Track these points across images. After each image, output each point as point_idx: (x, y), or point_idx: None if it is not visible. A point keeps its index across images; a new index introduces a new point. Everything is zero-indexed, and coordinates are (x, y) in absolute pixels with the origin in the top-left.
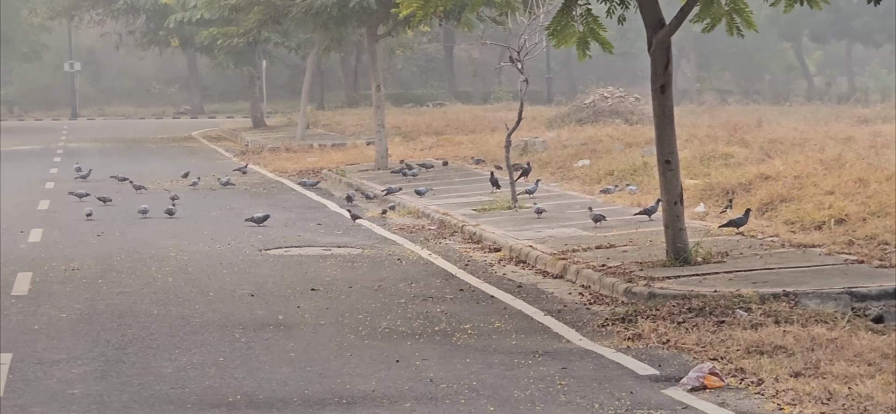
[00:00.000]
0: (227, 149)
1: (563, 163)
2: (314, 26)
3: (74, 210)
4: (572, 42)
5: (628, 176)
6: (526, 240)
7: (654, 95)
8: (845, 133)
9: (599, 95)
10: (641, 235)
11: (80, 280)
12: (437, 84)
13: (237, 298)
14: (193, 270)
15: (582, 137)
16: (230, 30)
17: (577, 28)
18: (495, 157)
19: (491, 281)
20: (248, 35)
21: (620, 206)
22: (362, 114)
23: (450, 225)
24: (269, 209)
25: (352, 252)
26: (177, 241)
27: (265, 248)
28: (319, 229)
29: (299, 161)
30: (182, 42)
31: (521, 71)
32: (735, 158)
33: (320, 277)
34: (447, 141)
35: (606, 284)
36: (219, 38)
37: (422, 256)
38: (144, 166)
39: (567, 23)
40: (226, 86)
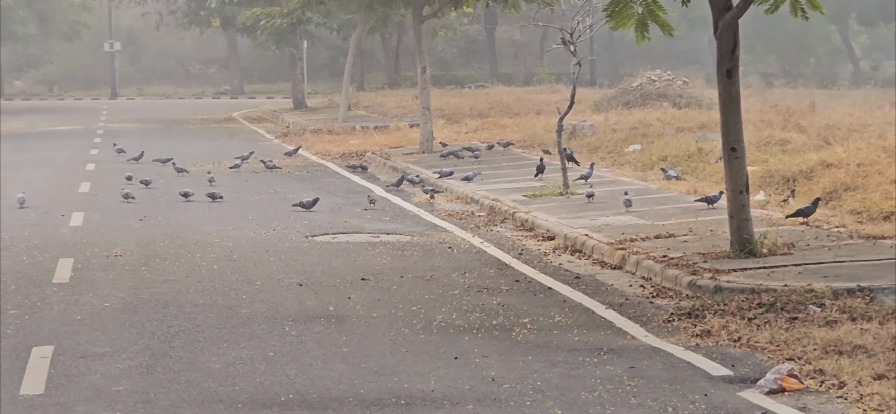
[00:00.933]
0: (268, 130)
1: (613, 147)
2: (358, 6)
3: (116, 193)
4: (630, 24)
5: (682, 162)
6: (581, 228)
7: (719, 80)
8: None
9: (647, 78)
10: (701, 224)
11: (122, 267)
12: (478, 66)
13: (285, 287)
14: (238, 256)
15: (631, 121)
16: (273, 10)
17: (636, 9)
18: (542, 140)
19: (547, 271)
20: (291, 16)
21: (675, 192)
22: (404, 95)
23: (500, 211)
24: (313, 194)
25: (401, 239)
26: (221, 226)
27: (311, 234)
28: (366, 215)
29: (342, 143)
30: (223, 22)
31: (573, 53)
32: (792, 144)
33: (370, 265)
34: (492, 124)
35: (669, 276)
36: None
37: (473, 244)
38: (185, 148)
39: (626, 4)
40: (266, 66)
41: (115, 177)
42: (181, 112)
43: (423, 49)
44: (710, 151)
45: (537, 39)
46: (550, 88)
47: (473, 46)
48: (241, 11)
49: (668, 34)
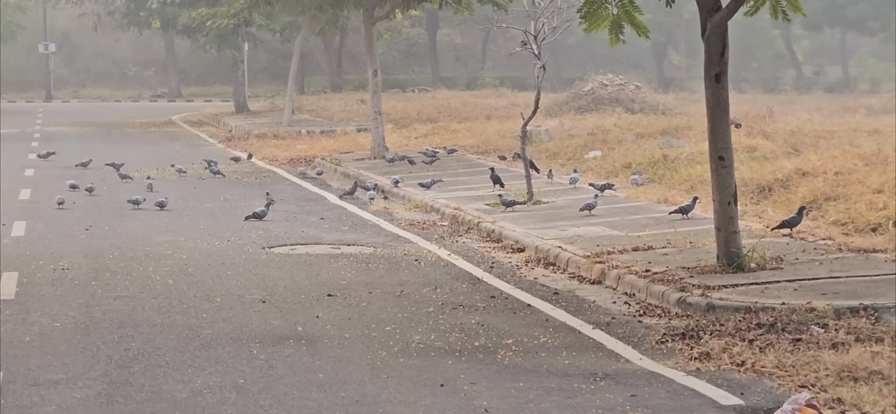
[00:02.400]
0: (211, 134)
1: (573, 154)
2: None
3: None
4: (604, 26)
5: (648, 169)
6: (552, 239)
7: (707, 85)
8: (868, 125)
9: (598, 83)
10: (679, 235)
11: (71, 282)
12: (419, 69)
13: (247, 304)
14: (194, 270)
15: (587, 126)
16: (219, 11)
17: (611, 11)
18: (497, 146)
19: (522, 286)
20: (238, 16)
21: (644, 201)
22: (347, 99)
23: (463, 221)
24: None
25: (363, 251)
26: (172, 236)
27: (268, 245)
28: (323, 224)
29: (289, 148)
30: (163, 24)
31: (538, 56)
32: (760, 151)
33: (334, 280)
34: (442, 129)
35: (655, 292)
36: (207, 20)
37: (440, 256)
38: (127, 152)
39: (600, 5)
40: (204, 69)
41: (57, 183)
42: (119, 115)
43: (375, 52)
44: (675, 158)
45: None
46: (496, 93)
47: (414, 49)
48: (183, 13)
49: (644, 36)
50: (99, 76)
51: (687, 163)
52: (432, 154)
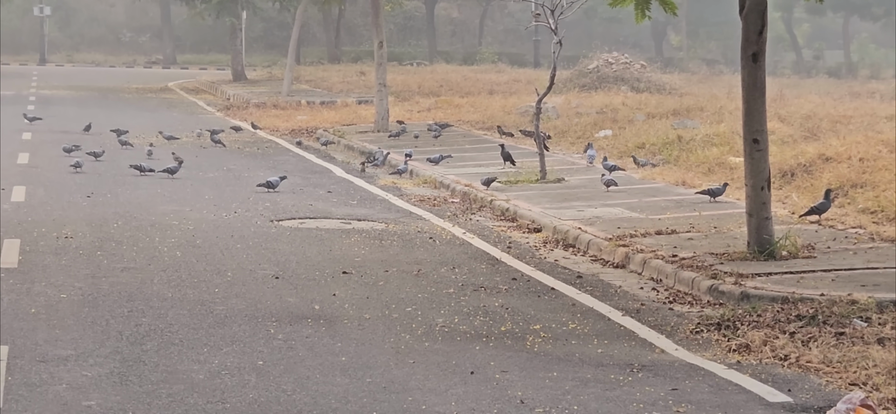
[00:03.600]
0: (208, 102)
1: (582, 132)
2: None
3: (58, 165)
4: (630, 2)
5: (663, 150)
6: (570, 220)
7: (744, 64)
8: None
9: (604, 61)
10: (702, 219)
11: (75, 251)
12: (415, 42)
13: (260, 280)
14: (202, 242)
15: (595, 104)
16: None
17: None
18: (503, 122)
19: (543, 269)
20: None
21: (662, 182)
22: (345, 70)
23: (476, 198)
24: (269, 172)
25: (375, 227)
26: (176, 206)
27: (277, 218)
28: (331, 198)
29: (290, 119)
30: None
31: (555, 31)
32: (777, 135)
33: (348, 256)
34: (445, 103)
35: (684, 279)
36: None
37: (455, 234)
38: (124, 118)
39: None
40: (199, 36)
41: (55, 147)
42: (114, 80)
43: (381, 23)
44: (690, 139)
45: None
46: (495, 68)
47: (411, 23)
48: None
49: (672, 13)
50: (93, 41)
51: (702, 144)
52: (438, 128)
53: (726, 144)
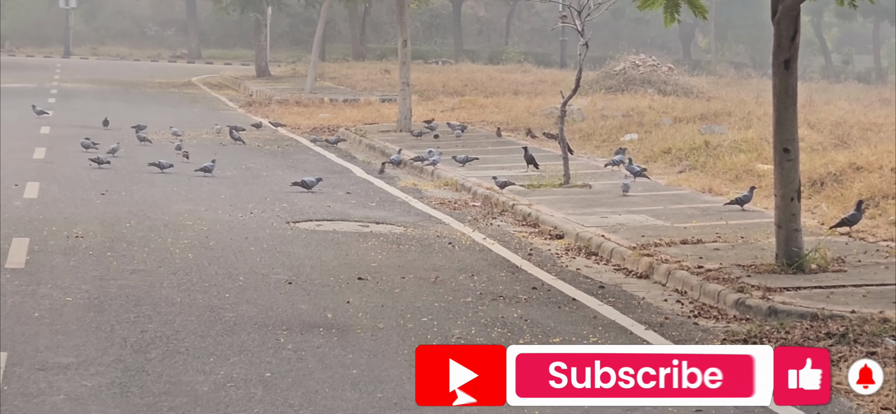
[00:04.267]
0: (231, 98)
1: (607, 136)
2: None
3: (75, 161)
4: (659, 4)
5: (689, 155)
6: (593, 227)
7: (775, 71)
8: None
9: (630, 63)
10: (729, 229)
11: (85, 251)
12: (441, 41)
13: (272, 285)
14: (215, 244)
15: (620, 107)
16: None
17: None
18: (528, 123)
19: (565, 278)
20: None
21: (688, 189)
22: (370, 68)
23: (497, 202)
24: (287, 171)
25: (394, 230)
26: (192, 206)
27: (293, 220)
28: (350, 199)
29: (312, 116)
30: None
31: (581, 33)
32: (806, 142)
33: (364, 261)
34: (469, 103)
35: (710, 291)
36: None
37: (475, 239)
38: (146, 113)
39: None
40: (224, 31)
41: (73, 142)
42: (137, 74)
43: (406, 20)
44: (717, 145)
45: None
46: (520, 68)
47: (437, 21)
48: None
49: (702, 17)
50: (118, 34)
51: (730, 151)
52: (461, 128)
53: (754, 151)
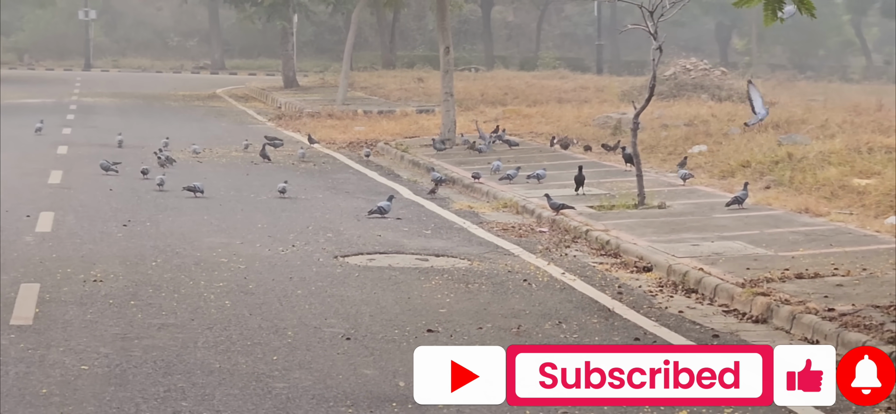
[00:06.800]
0: (259, 111)
1: (673, 148)
2: None
3: (93, 185)
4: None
5: (772, 169)
6: (685, 257)
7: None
8: None
9: (681, 67)
10: (845, 258)
11: (104, 300)
12: (470, 47)
13: (327, 341)
14: (256, 288)
15: (678, 115)
16: None
17: None
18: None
19: (668, 323)
20: None
21: (781, 210)
22: (401, 76)
23: (568, 228)
24: (328, 193)
25: (457, 265)
26: (225, 238)
27: (341, 254)
28: (401, 226)
29: (346, 130)
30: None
31: (654, 36)
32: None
33: (431, 306)
34: (513, 113)
35: (850, 342)
36: None
37: (552, 274)
38: (168, 129)
39: None
40: (248, 41)
41: (91, 163)
42: (160, 87)
43: (447, 27)
44: (801, 157)
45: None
46: (557, 74)
47: (466, 27)
48: None
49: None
50: (140, 45)
51: (817, 163)
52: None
53: (846, 164)
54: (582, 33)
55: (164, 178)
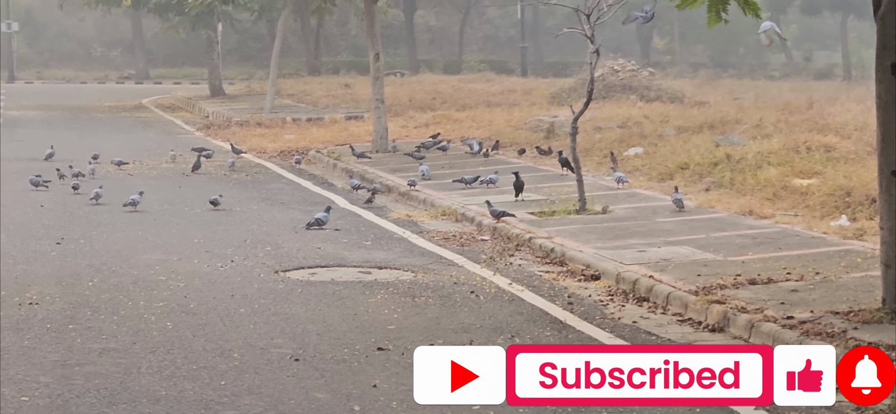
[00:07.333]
0: (186, 120)
1: (608, 149)
2: None
3: (23, 201)
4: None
5: (712, 171)
6: (633, 264)
7: (880, 77)
8: None
9: (609, 69)
10: (796, 261)
11: (42, 325)
12: (395, 52)
13: (275, 363)
14: (197, 307)
15: (610, 117)
16: None
17: None
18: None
19: (623, 334)
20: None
21: (724, 213)
22: (328, 83)
23: (509, 235)
24: (262, 205)
25: (401, 277)
26: (162, 254)
27: (282, 268)
28: (340, 237)
29: (276, 138)
30: (135, 2)
31: (591, 40)
32: (839, 151)
33: (378, 323)
34: (443, 118)
35: None
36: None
37: (498, 285)
38: (98, 142)
39: None
40: (172, 50)
41: (20, 178)
42: (85, 98)
43: (377, 32)
44: (740, 158)
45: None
46: (483, 77)
47: (389, 31)
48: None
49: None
50: (63, 57)
51: (756, 164)
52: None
53: (785, 164)
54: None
55: (100, 192)
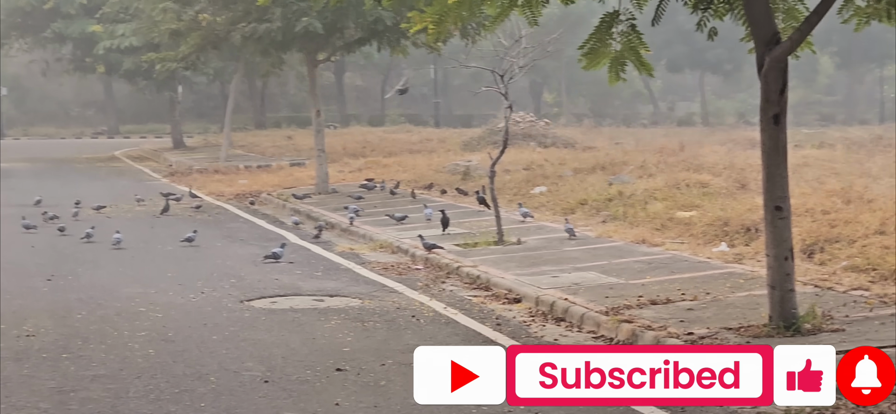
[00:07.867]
0: (153, 169)
1: (517, 189)
2: (255, 51)
3: (15, 242)
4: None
5: (608, 206)
6: (550, 288)
7: (764, 127)
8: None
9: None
10: (689, 284)
11: (38, 354)
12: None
13: (248, 385)
14: (175, 335)
15: (514, 161)
16: (168, 55)
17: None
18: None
19: None
20: (185, 60)
21: (621, 242)
22: (273, 135)
23: (440, 264)
24: (224, 241)
25: (350, 304)
26: (141, 288)
27: (246, 298)
28: (295, 269)
29: (232, 183)
30: (108, 69)
31: (505, 96)
32: (711, 187)
33: (335, 346)
34: (374, 163)
35: None
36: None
37: (436, 310)
38: (79, 188)
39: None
40: (138, 108)
41: (13, 222)
42: (66, 151)
43: (317, 93)
44: (630, 195)
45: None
46: (404, 129)
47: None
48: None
49: (648, 74)
50: (46, 116)
51: (645, 200)
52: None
53: (668, 199)
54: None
55: (91, 232)
